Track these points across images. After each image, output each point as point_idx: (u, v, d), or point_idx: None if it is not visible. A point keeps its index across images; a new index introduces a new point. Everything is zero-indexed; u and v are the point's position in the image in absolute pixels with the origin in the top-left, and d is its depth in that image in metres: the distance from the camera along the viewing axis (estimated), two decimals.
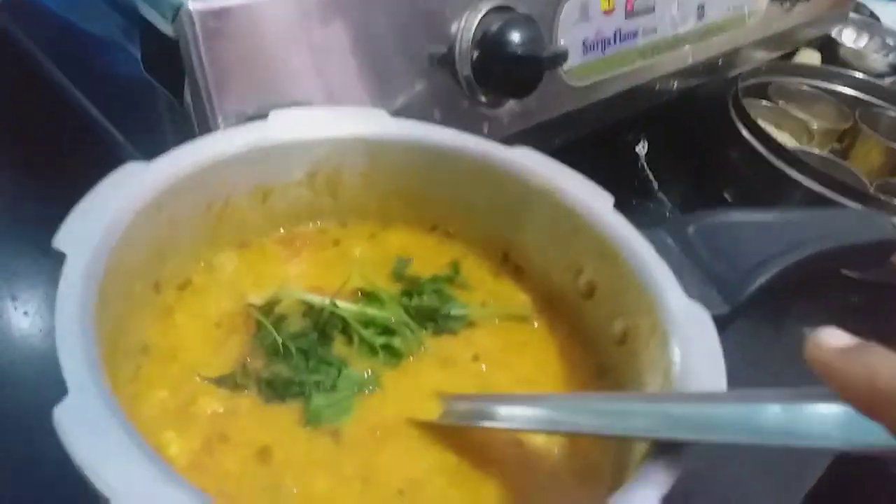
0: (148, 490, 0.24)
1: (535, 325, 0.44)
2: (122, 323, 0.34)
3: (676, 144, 0.87)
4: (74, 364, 0.27)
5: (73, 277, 0.30)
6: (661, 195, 0.80)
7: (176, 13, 0.39)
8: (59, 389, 0.26)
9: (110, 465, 0.24)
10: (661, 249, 0.40)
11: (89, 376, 0.26)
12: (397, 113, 0.51)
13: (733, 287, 0.41)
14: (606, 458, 0.36)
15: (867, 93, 0.96)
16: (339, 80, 0.47)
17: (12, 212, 0.59)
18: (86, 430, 0.25)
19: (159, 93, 0.45)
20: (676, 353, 0.34)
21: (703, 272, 0.42)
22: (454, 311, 0.42)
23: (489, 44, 0.52)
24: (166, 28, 0.40)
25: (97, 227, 0.32)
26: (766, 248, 0.43)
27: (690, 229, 0.43)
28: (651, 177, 0.81)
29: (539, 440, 0.36)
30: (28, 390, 0.47)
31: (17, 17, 0.65)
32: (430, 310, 0.42)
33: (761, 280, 0.41)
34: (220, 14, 0.40)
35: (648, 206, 0.78)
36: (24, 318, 0.51)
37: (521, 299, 0.45)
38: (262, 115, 0.42)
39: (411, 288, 0.43)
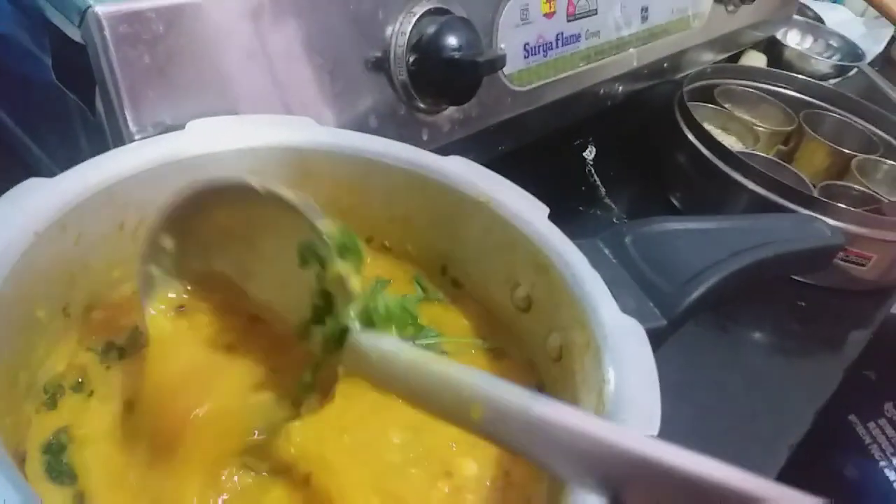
0: None
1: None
2: (23, 352, 0.32)
3: (623, 149, 0.86)
4: None
5: None
6: (608, 201, 0.79)
7: (83, 17, 0.37)
8: None
9: None
10: (598, 261, 0.39)
11: None
12: (331, 122, 0.49)
13: (670, 299, 0.41)
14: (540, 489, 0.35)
15: (811, 95, 0.98)
16: (264, 89, 0.46)
17: None
18: None
19: (72, 103, 0.43)
20: (610, 372, 0.33)
21: (640, 284, 0.41)
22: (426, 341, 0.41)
23: (425, 48, 0.51)
24: (74, 33, 0.38)
25: None
26: (704, 258, 0.42)
27: (627, 239, 0.43)
28: (598, 182, 0.81)
29: (471, 472, 0.35)
30: None
31: None
32: None
33: (698, 292, 0.41)
34: (131, 17, 0.38)
35: (596, 212, 0.78)
36: None
37: (462, 325, 0.44)
38: (179, 126, 0.39)
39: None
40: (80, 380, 0.35)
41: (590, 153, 0.82)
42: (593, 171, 0.81)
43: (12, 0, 0.43)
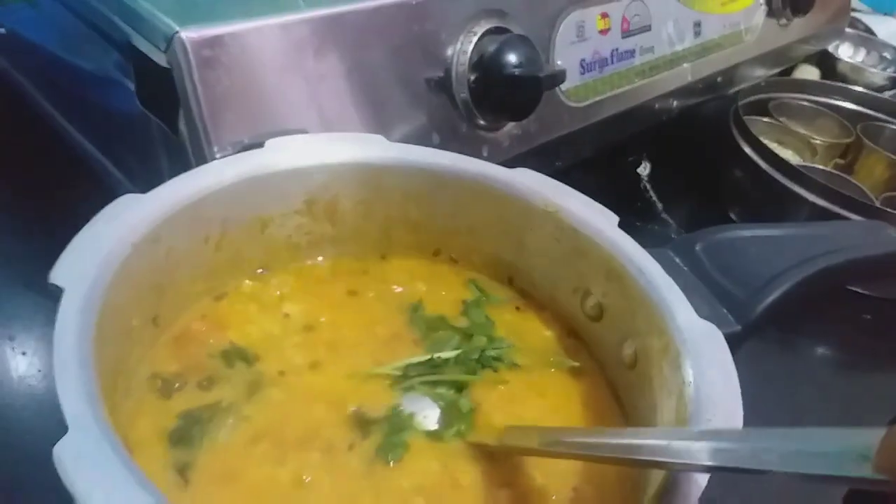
0: None
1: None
2: (121, 358, 0.34)
3: (679, 164, 0.86)
4: (73, 401, 0.26)
5: (70, 313, 0.29)
6: (665, 216, 0.79)
7: (169, 43, 0.39)
8: (59, 429, 0.25)
9: (112, 502, 0.23)
10: (669, 268, 0.39)
11: (89, 413, 0.26)
12: (396, 139, 0.50)
13: (744, 305, 0.40)
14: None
15: (868, 107, 0.96)
16: (335, 108, 0.47)
17: (7, 251, 0.58)
18: (87, 467, 0.24)
19: (154, 126, 0.45)
20: (690, 374, 0.33)
21: (713, 291, 0.41)
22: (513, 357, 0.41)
23: (486, 66, 0.52)
24: (160, 58, 0.40)
25: (94, 261, 0.31)
26: (775, 264, 0.42)
27: (697, 247, 0.43)
28: (655, 198, 0.81)
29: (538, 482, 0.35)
30: (27, 432, 0.46)
31: (11, 53, 0.65)
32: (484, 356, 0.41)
33: (772, 297, 0.40)
34: (213, 42, 0.40)
35: (653, 227, 0.77)
36: (22, 359, 0.50)
37: (544, 335, 0.44)
38: (258, 144, 0.41)
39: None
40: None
41: (644, 169, 0.82)
42: (649, 186, 0.80)
43: (100, 31, 0.45)
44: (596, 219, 0.41)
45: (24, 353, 0.50)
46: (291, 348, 0.39)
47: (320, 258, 0.45)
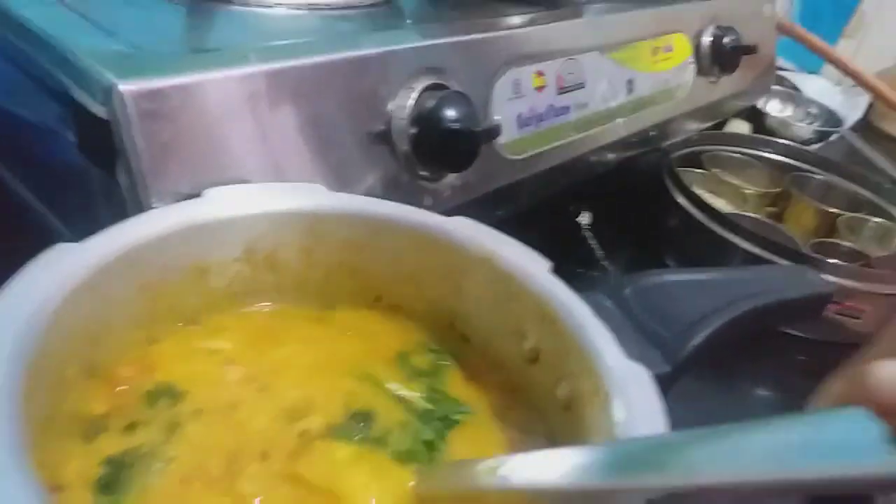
0: None
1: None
2: (55, 405, 0.33)
3: (617, 214, 0.89)
4: None
5: None
6: (605, 263, 0.81)
7: (108, 95, 0.39)
8: None
9: None
10: (600, 311, 0.40)
11: (10, 462, 0.25)
12: (339, 189, 0.51)
13: (673, 346, 0.42)
14: None
15: (796, 159, 1.01)
16: (277, 159, 0.48)
17: None
18: None
19: (94, 175, 0.45)
20: (619, 414, 0.34)
21: (642, 333, 0.43)
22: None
23: (425, 120, 0.53)
24: (99, 110, 0.40)
25: (26, 310, 0.31)
26: (702, 306, 0.44)
27: (627, 291, 0.44)
28: (595, 245, 0.83)
29: None
30: None
31: None
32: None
33: (699, 337, 0.42)
34: (152, 95, 0.40)
35: (594, 274, 0.79)
36: None
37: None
38: (196, 194, 0.42)
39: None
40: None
41: (584, 218, 0.85)
42: (589, 234, 0.83)
43: (39, 82, 0.45)
44: (529, 264, 0.42)
45: None
46: (218, 387, 0.39)
47: (264, 304, 0.46)
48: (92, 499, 0.32)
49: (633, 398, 0.35)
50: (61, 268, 0.34)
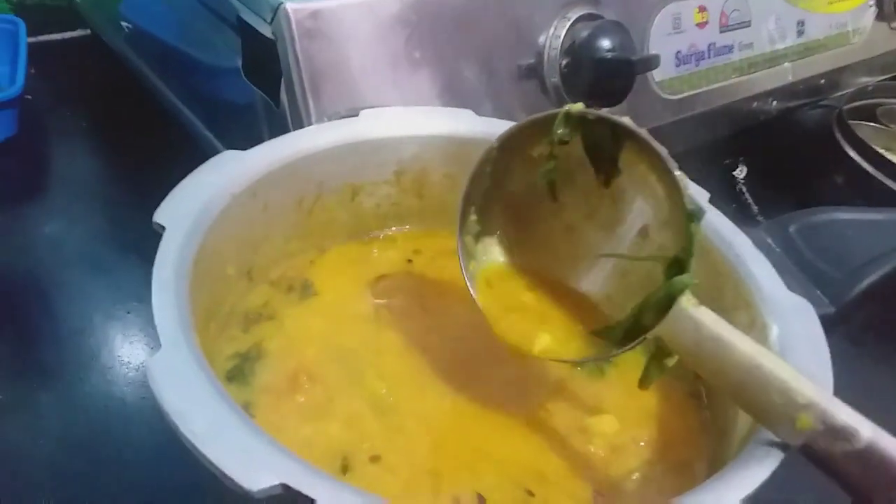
0: (230, 437, 0.24)
1: None
2: (215, 302, 0.36)
3: (776, 169, 0.83)
4: (167, 321, 0.27)
5: (170, 250, 0.31)
6: (761, 220, 0.76)
7: (274, 14, 0.41)
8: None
9: (196, 413, 0.24)
10: (760, 247, 0.38)
11: (181, 334, 0.27)
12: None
13: (839, 287, 0.39)
14: (699, 457, 0.34)
15: None
16: (426, 86, 0.48)
17: (115, 221, 0.63)
18: (175, 381, 0.25)
19: (256, 98, 0.47)
20: (776, 345, 0.32)
21: (806, 272, 0.40)
22: None
23: (578, 50, 0.52)
24: (265, 29, 0.42)
25: (195, 206, 0.33)
26: (874, 246, 0.40)
27: (791, 228, 0.42)
28: (751, 201, 0.78)
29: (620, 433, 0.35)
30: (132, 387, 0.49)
31: (134, 43, 0.70)
32: None
33: (868, 280, 0.39)
34: (315, 15, 0.42)
35: (748, 231, 0.75)
36: (126, 317, 0.53)
37: None
38: (353, 115, 0.43)
39: None
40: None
41: (740, 172, 0.80)
42: (745, 189, 0.78)
43: (211, 9, 0.48)
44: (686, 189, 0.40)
45: (128, 312, 0.54)
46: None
47: (405, 227, 0.47)
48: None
49: (793, 332, 0.33)
50: (228, 172, 0.36)
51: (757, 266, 0.36)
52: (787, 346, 0.32)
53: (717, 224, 0.38)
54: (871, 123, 0.85)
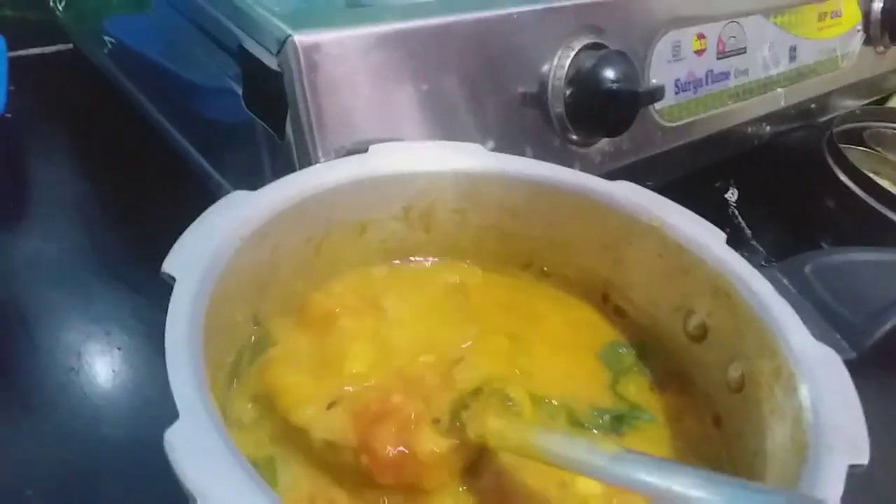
0: None
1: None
2: (223, 351, 0.34)
3: (767, 192, 0.83)
4: (184, 386, 0.26)
5: (182, 301, 0.29)
6: (754, 243, 0.76)
7: (281, 46, 0.39)
8: (153, 421, 0.25)
9: (219, 488, 0.23)
10: (777, 290, 0.37)
11: (198, 400, 0.26)
12: (489, 150, 0.50)
13: (858, 331, 0.38)
14: None
15: None
16: (431, 117, 0.47)
17: (106, 253, 0.60)
18: (196, 453, 0.24)
19: (258, 130, 0.45)
20: (807, 398, 0.31)
21: (823, 315, 0.39)
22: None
23: (583, 80, 0.51)
24: (270, 61, 0.40)
25: (205, 252, 0.32)
26: (892, 289, 0.40)
27: (807, 269, 0.41)
28: (743, 224, 0.78)
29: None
30: (124, 422, 0.47)
31: (122, 63, 0.67)
32: None
33: (890, 324, 0.38)
34: (323, 47, 0.40)
35: (742, 254, 0.74)
36: (117, 353, 0.51)
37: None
38: (361, 150, 0.41)
39: None
40: None
41: (732, 195, 0.80)
42: (737, 212, 0.78)
43: (210, 36, 0.46)
44: (702, 235, 0.40)
45: (118, 349, 0.52)
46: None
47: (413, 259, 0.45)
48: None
49: (821, 383, 0.32)
50: (238, 215, 0.34)
51: (780, 313, 0.35)
52: (817, 397, 0.31)
53: (738, 268, 0.38)
54: (860, 147, 0.86)
